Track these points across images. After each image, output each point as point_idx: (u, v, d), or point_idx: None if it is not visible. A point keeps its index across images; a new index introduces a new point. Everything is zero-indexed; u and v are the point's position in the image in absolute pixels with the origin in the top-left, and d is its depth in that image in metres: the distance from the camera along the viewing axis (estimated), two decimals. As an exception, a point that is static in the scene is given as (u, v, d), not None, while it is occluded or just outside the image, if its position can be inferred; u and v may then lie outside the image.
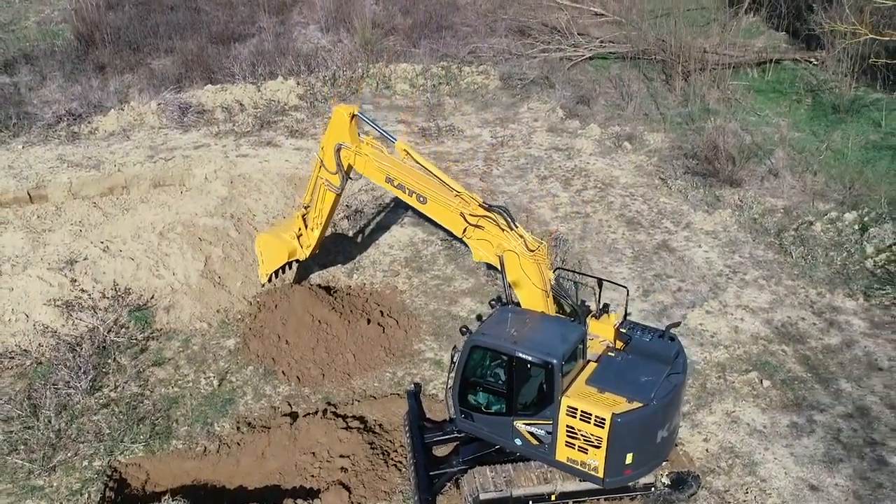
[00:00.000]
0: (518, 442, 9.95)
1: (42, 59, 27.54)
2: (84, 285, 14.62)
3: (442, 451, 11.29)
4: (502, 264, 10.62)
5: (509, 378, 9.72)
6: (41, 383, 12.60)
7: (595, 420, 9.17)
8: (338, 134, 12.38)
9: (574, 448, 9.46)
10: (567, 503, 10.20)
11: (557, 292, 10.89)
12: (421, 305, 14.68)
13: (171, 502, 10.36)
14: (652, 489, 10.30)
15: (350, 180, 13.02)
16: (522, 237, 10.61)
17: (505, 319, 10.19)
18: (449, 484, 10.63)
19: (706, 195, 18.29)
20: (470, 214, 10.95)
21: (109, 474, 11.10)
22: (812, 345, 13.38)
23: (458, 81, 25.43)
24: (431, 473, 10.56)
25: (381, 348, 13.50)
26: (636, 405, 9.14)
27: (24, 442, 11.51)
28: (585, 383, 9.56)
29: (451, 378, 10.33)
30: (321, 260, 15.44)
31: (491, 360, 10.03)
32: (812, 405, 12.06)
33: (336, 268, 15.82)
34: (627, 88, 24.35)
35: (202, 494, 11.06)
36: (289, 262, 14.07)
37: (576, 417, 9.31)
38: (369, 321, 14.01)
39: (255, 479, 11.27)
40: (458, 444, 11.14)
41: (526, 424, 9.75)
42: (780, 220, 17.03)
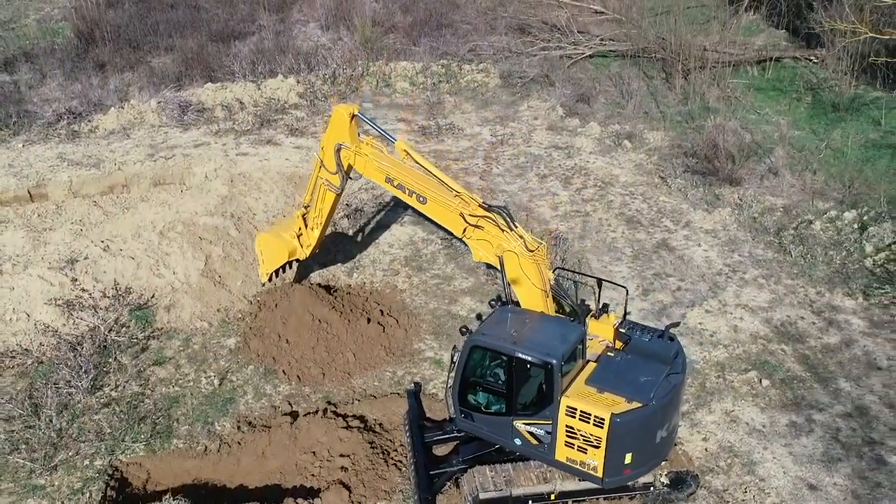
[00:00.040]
0: (518, 442, 9.98)
1: (42, 57, 27.52)
2: (85, 284, 14.66)
3: (442, 451, 11.33)
4: (502, 264, 10.65)
5: (509, 378, 9.76)
6: (42, 382, 12.64)
7: (594, 420, 9.20)
8: (338, 134, 12.39)
9: (573, 448, 9.50)
10: (566, 502, 10.24)
11: (557, 292, 10.92)
12: (421, 304, 14.71)
13: (172, 501, 10.39)
14: (651, 488, 10.34)
15: (350, 179, 13.04)
16: (522, 237, 10.63)
17: (505, 319, 10.23)
18: (449, 483, 10.67)
19: (706, 194, 18.30)
20: (470, 215, 10.97)
21: (110, 473, 11.15)
22: (811, 344, 13.40)
23: (458, 79, 25.40)
24: (431, 473, 10.60)
25: (381, 347, 13.53)
26: (635, 405, 9.18)
27: (26, 441, 11.55)
28: (585, 383, 9.60)
29: (451, 377, 10.36)
30: (321, 259, 15.46)
31: (491, 360, 10.05)
32: (811, 404, 12.10)
33: (336, 267, 15.84)
34: (627, 87, 24.33)
35: (203, 493, 11.10)
36: (289, 262, 14.09)
37: (575, 417, 9.34)
38: (369, 320, 14.03)
39: (256, 479, 11.31)
40: (458, 444, 11.17)
41: (525, 424, 9.79)
42: (780, 219, 17.04)
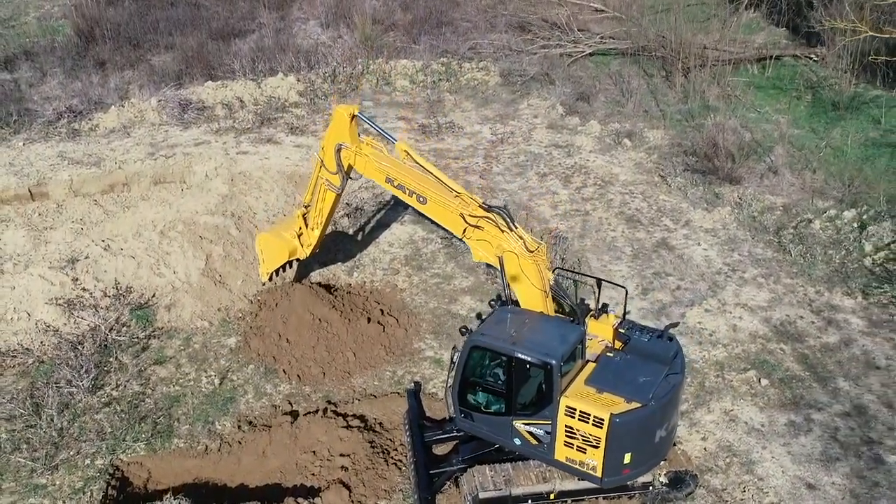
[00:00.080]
0: (517, 441, 10.02)
1: (42, 56, 27.53)
2: (85, 284, 14.68)
3: (442, 450, 11.36)
4: (502, 265, 10.66)
5: (508, 378, 9.79)
6: (43, 382, 12.68)
7: (594, 420, 9.23)
8: (338, 134, 12.41)
9: (573, 448, 9.53)
10: (566, 502, 10.27)
11: (557, 292, 10.94)
12: (421, 304, 14.74)
13: (173, 501, 10.42)
14: (650, 488, 10.37)
15: (350, 179, 13.06)
16: (522, 238, 10.65)
17: (504, 319, 10.27)
18: (448, 482, 10.71)
19: (705, 193, 18.32)
20: (469, 215, 10.99)
21: (111, 473, 11.18)
22: (810, 343, 13.43)
23: (458, 78, 25.40)
24: (431, 472, 10.64)
25: (382, 347, 13.55)
26: (634, 405, 9.21)
27: (27, 440, 11.59)
28: (584, 383, 9.63)
29: (451, 377, 10.39)
30: (321, 258, 15.48)
31: (490, 361, 10.08)
32: (810, 404, 12.13)
33: (336, 266, 15.86)
34: (627, 85, 24.33)
35: (203, 493, 11.12)
36: (289, 261, 14.12)
37: (574, 417, 9.37)
38: (369, 320, 14.06)
39: (256, 478, 11.34)
40: (458, 443, 11.20)
41: (525, 424, 9.82)
42: (780, 218, 17.05)
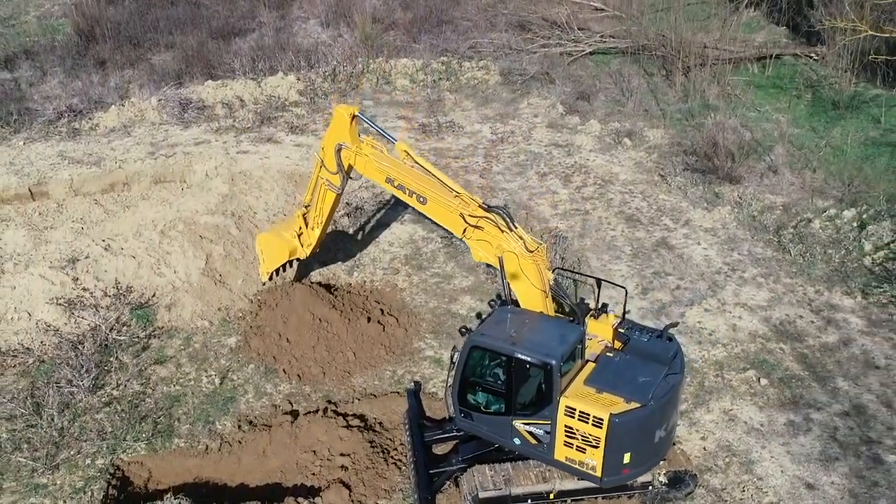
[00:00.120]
0: (517, 441, 10.04)
1: (42, 55, 27.55)
2: (86, 283, 14.69)
3: (442, 450, 11.38)
4: (502, 265, 10.67)
5: (508, 378, 9.81)
6: (44, 382, 12.70)
7: (593, 420, 9.25)
8: (338, 134, 12.43)
9: (572, 448, 9.55)
10: (565, 502, 10.29)
11: (556, 292, 10.96)
12: (421, 303, 14.75)
13: (173, 500, 10.43)
14: (649, 488, 10.39)
15: (350, 179, 13.08)
16: (522, 238, 10.66)
17: (504, 319, 10.29)
18: (448, 482, 10.73)
19: (705, 192, 18.32)
20: (469, 215, 11.00)
21: (112, 472, 11.20)
22: (810, 343, 13.45)
23: (459, 77, 25.41)
24: (431, 472, 10.66)
25: (382, 346, 13.56)
26: (634, 405, 9.22)
27: (28, 440, 11.62)
28: (584, 383, 9.65)
29: (451, 377, 10.41)
30: (321, 258, 15.50)
31: (490, 361, 10.10)
32: (809, 403, 12.15)
33: (336, 266, 15.88)
34: (627, 84, 24.33)
35: (204, 492, 11.13)
36: (289, 261, 14.14)
37: (574, 417, 9.39)
38: (369, 319, 14.07)
39: (257, 478, 11.35)
40: (458, 443, 11.21)
41: (525, 424, 9.84)
42: (779, 218, 17.06)
